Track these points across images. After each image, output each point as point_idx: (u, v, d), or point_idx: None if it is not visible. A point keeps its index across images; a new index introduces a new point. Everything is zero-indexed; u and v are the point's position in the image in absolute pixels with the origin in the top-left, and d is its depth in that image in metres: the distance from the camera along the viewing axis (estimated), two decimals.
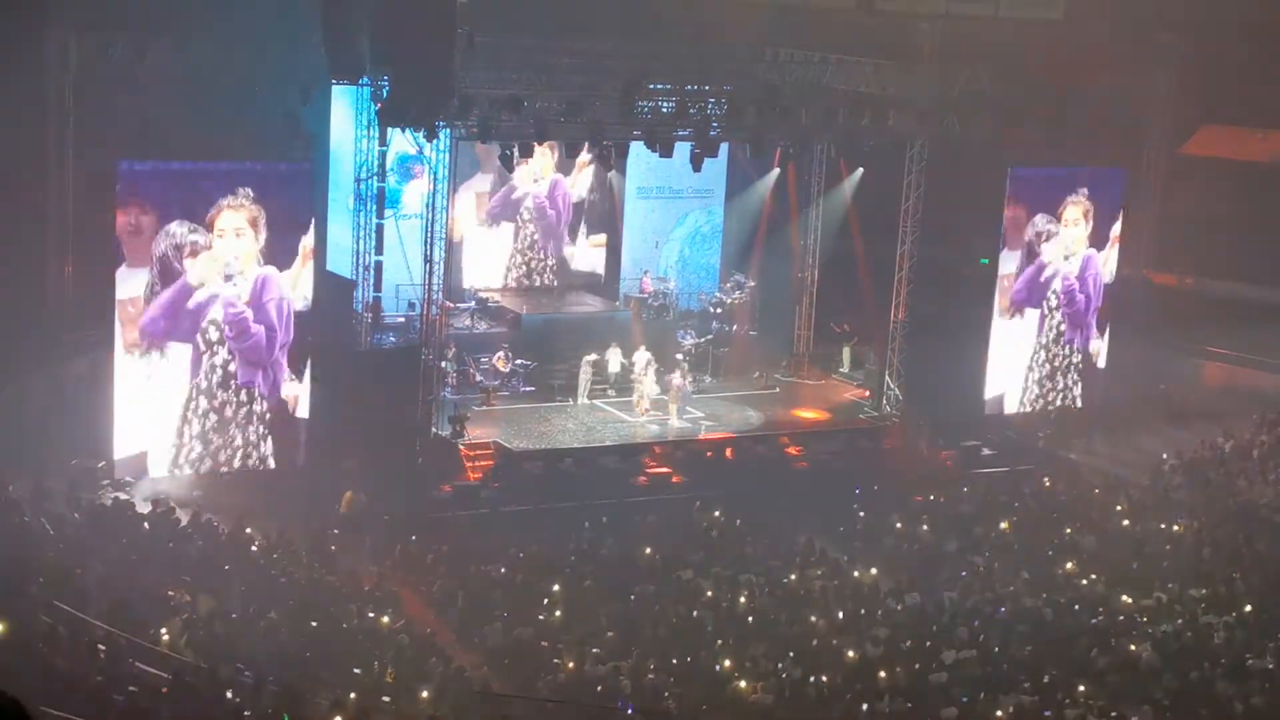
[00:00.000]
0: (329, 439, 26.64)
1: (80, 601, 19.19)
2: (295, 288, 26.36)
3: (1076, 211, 32.93)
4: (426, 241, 27.53)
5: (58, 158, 25.19)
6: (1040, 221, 32.59)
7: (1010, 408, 33.11)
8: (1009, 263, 32.41)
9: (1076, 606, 22.55)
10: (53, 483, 24.15)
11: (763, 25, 31.87)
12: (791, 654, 20.12)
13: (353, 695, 17.73)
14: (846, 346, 34.35)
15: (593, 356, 30.43)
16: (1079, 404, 33.88)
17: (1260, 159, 35.86)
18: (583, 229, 34.58)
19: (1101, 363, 34.00)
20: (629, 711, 18.54)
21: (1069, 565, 24.33)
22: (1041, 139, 31.14)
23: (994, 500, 27.81)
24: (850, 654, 20.22)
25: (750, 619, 21.47)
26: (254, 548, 23.07)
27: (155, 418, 25.88)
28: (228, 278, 25.63)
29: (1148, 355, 34.54)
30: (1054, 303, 33.19)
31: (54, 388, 26.10)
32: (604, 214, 34.62)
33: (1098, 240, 33.39)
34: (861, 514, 26.92)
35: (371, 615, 20.75)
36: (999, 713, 18.78)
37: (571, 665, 19.52)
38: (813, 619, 21.57)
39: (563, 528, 25.21)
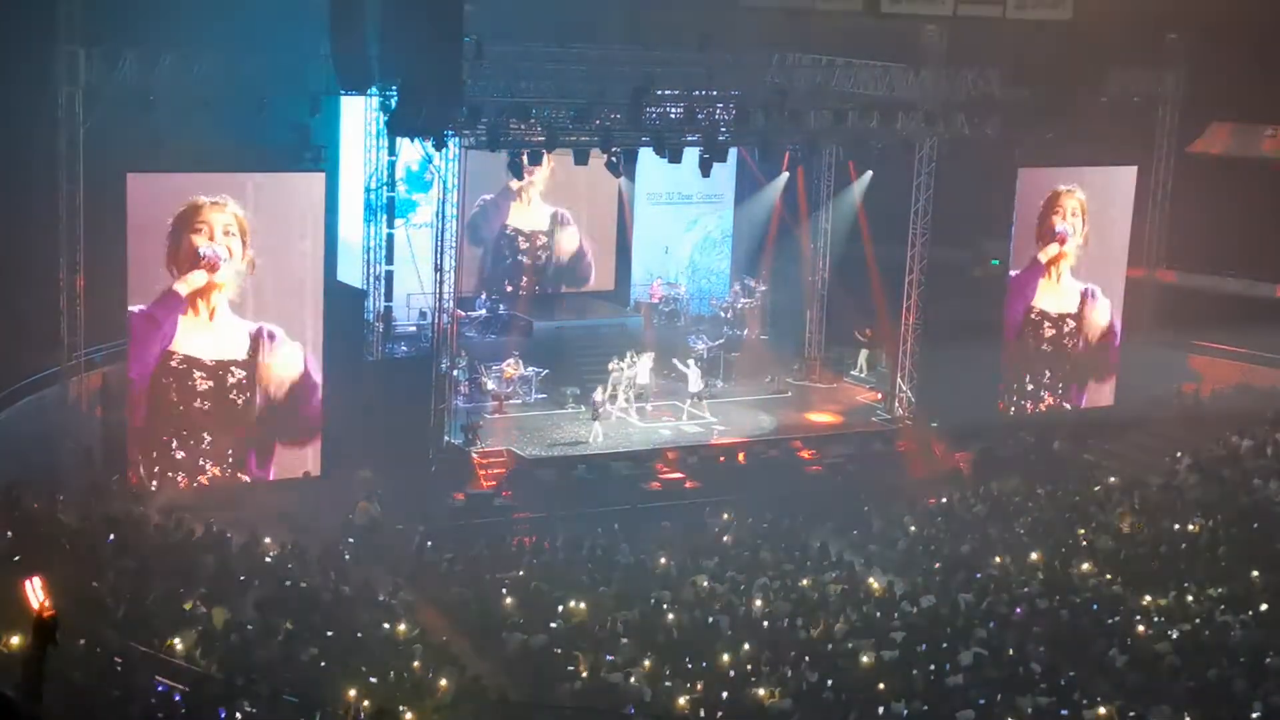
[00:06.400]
0: (342, 449, 26.65)
1: (96, 614, 19.20)
2: None
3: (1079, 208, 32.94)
4: (437, 250, 27.56)
5: (68, 171, 25.21)
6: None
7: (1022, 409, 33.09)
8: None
9: (1094, 606, 22.49)
10: (67, 496, 24.17)
11: (770, 29, 31.86)
12: (807, 658, 20.08)
13: (368, 704, 17.72)
14: (864, 351, 34.32)
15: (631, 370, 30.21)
16: (1091, 404, 33.78)
17: (1270, 155, 35.76)
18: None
19: (1113, 361, 33.91)
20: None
21: (1085, 565, 24.27)
22: (1051, 139, 31.08)
23: (1008, 502, 27.76)
24: (866, 658, 20.18)
25: (765, 624, 21.43)
26: (268, 558, 23.08)
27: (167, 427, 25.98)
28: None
29: (1160, 354, 34.45)
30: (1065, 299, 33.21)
31: (67, 402, 26.13)
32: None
33: (1106, 238, 33.31)
34: (875, 517, 26.88)
35: (387, 625, 20.74)
36: (1016, 715, 18.74)
37: (587, 672, 19.51)
38: (828, 623, 21.53)
39: (577, 534, 25.21)
